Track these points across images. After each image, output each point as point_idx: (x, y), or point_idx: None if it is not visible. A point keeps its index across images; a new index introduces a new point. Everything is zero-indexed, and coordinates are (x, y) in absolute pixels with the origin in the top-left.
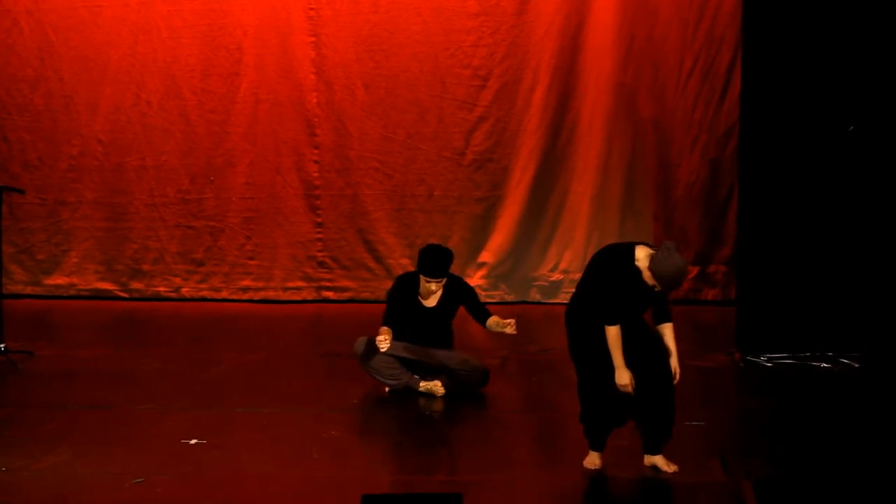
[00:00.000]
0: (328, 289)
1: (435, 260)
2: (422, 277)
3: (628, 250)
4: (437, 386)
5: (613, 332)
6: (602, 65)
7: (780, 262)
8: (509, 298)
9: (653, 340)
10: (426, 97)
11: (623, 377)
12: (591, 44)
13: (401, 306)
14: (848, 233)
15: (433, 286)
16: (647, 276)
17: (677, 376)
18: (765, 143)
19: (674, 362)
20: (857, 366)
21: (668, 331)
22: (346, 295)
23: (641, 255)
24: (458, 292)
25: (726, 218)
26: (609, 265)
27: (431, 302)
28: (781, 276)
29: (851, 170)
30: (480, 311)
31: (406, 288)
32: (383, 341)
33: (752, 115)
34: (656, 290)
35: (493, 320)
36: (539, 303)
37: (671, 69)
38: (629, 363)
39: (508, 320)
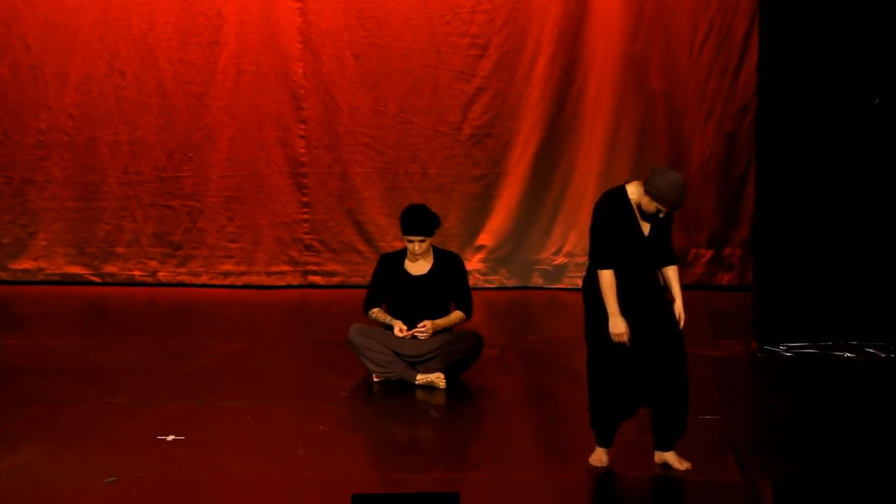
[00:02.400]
0: (315, 273)
1: (414, 214)
2: (405, 240)
3: (619, 189)
4: (438, 378)
5: (606, 276)
6: (609, 32)
7: (799, 245)
8: (509, 284)
9: (668, 324)
10: (420, 67)
11: (618, 325)
12: (598, 10)
13: (386, 281)
14: (873, 212)
15: (416, 246)
16: (645, 203)
17: (682, 321)
18: (784, 116)
19: (678, 306)
20: (882, 355)
21: (672, 273)
22: (335, 280)
23: (633, 188)
24: (450, 264)
25: (743, 197)
26: (600, 206)
27: (420, 269)
28: (801, 259)
29: (877, 145)
30: (460, 300)
31: (391, 262)
32: (401, 331)
33: (770, 86)
34: (661, 215)
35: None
36: (541, 288)
37: (684, 37)
38: (641, 346)
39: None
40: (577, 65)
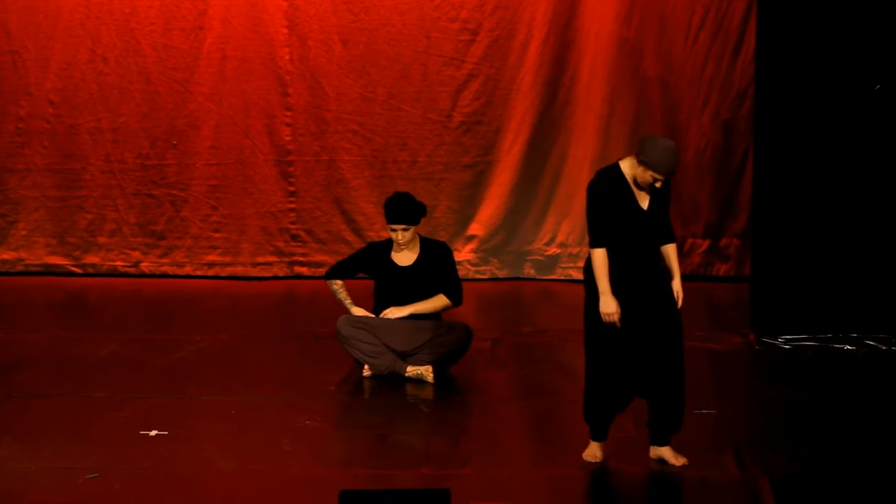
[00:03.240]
0: (302, 264)
1: (397, 203)
2: (388, 229)
3: (613, 165)
4: (427, 371)
5: (599, 255)
6: (603, 17)
7: (798, 235)
8: (501, 275)
9: (667, 313)
10: (409, 53)
11: (608, 305)
12: None
13: (372, 270)
14: (874, 202)
15: (399, 235)
16: (640, 174)
17: (680, 300)
18: (782, 103)
19: (676, 284)
20: (883, 348)
21: (671, 251)
22: (322, 271)
23: (627, 164)
24: (436, 253)
25: (740, 186)
26: (593, 184)
27: (406, 260)
28: (800, 249)
29: (878, 133)
30: (447, 288)
31: (377, 251)
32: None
33: (768, 72)
34: (657, 184)
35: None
36: (534, 279)
37: (679, 22)
38: (638, 333)
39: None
40: (570, 50)
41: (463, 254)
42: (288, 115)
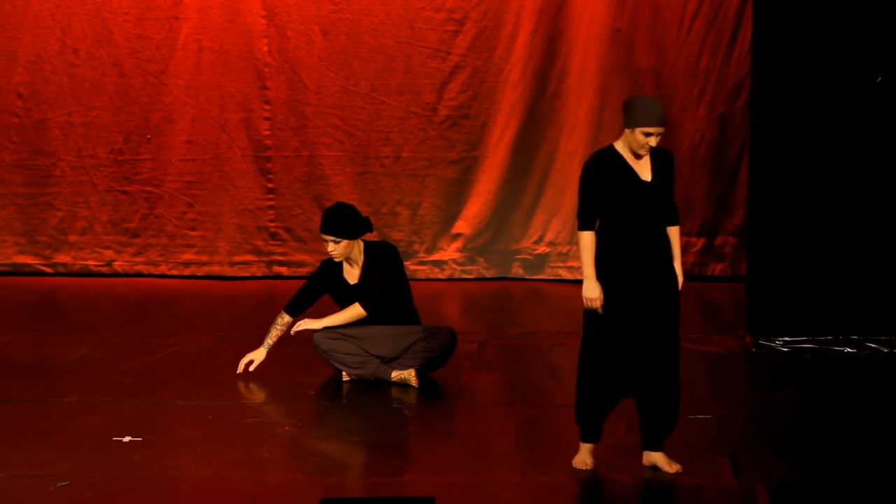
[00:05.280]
0: (281, 263)
1: (330, 212)
2: (321, 238)
3: (606, 147)
4: (411, 376)
5: (585, 238)
6: (594, 6)
7: (797, 233)
8: (488, 274)
9: (666, 307)
10: (393, 44)
11: (591, 290)
12: None
13: (328, 289)
14: (875, 199)
15: (328, 246)
16: (633, 140)
17: (680, 283)
18: (780, 96)
19: (676, 265)
20: (885, 351)
21: (673, 235)
22: (302, 271)
23: (620, 142)
24: (377, 263)
25: (736, 182)
26: (586, 165)
27: (353, 276)
28: (799, 248)
29: (880, 127)
30: (364, 296)
31: (331, 269)
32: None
33: (765, 64)
34: (651, 142)
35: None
36: (522, 279)
37: (673, 11)
38: (634, 327)
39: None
40: (560, 41)
41: (449, 252)
42: (266, 109)
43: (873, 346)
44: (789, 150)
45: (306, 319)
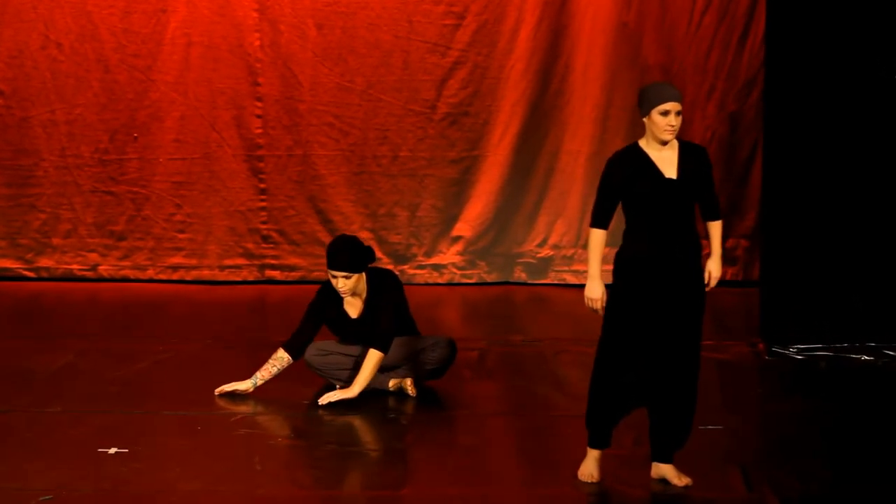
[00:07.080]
0: (273, 267)
1: (337, 246)
2: (329, 275)
3: (630, 144)
4: (407, 384)
5: (594, 236)
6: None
7: (812, 236)
8: (489, 279)
9: (688, 319)
10: (390, 39)
11: (594, 290)
12: None
13: (326, 320)
14: (894, 200)
15: (339, 282)
16: (653, 125)
17: (712, 282)
18: (794, 93)
19: (711, 262)
20: None
21: (713, 230)
22: (295, 275)
23: (643, 139)
24: (379, 295)
25: (748, 183)
26: (608, 162)
27: (355, 310)
28: (814, 251)
29: None
30: (375, 337)
31: (331, 298)
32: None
33: (778, 60)
34: (672, 123)
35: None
36: (524, 283)
37: (682, 5)
38: (654, 332)
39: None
40: (565, 36)
41: (448, 256)
42: (258, 106)
43: (891, 353)
44: (804, 149)
45: (337, 392)
